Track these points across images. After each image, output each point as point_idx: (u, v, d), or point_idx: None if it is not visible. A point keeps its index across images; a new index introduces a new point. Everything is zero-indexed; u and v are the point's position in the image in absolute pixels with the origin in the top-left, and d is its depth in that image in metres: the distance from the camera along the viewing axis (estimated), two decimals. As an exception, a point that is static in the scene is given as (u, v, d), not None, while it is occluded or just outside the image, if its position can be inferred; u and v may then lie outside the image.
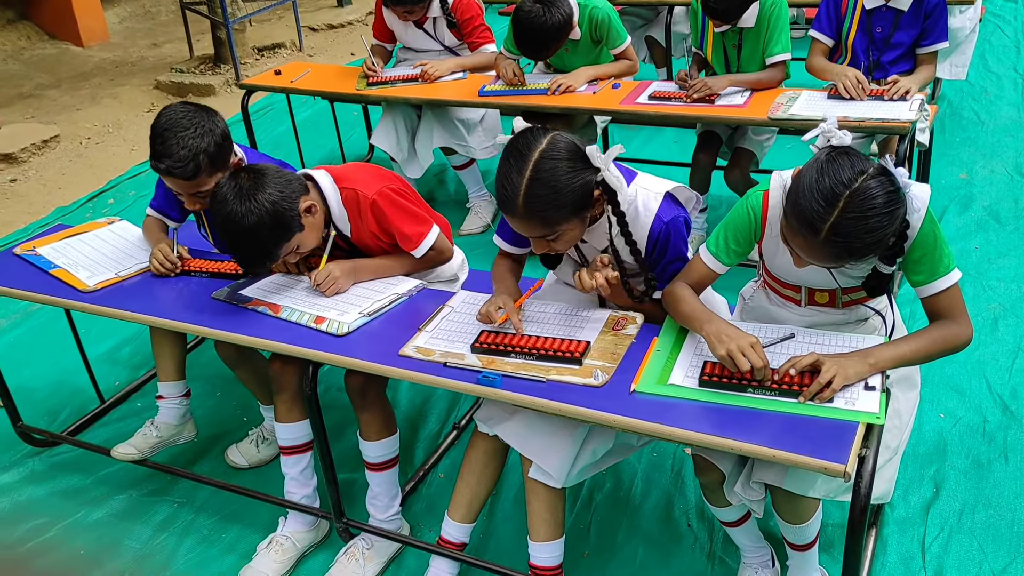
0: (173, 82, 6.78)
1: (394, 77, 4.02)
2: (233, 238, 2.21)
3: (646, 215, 2.07)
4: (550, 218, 1.92)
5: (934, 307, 1.90)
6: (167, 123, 2.36)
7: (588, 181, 1.93)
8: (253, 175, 2.22)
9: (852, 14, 3.39)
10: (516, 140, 1.95)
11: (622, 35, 3.74)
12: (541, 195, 1.89)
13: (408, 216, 2.41)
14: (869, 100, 3.18)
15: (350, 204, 2.37)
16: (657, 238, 2.07)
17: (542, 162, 1.88)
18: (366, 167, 2.52)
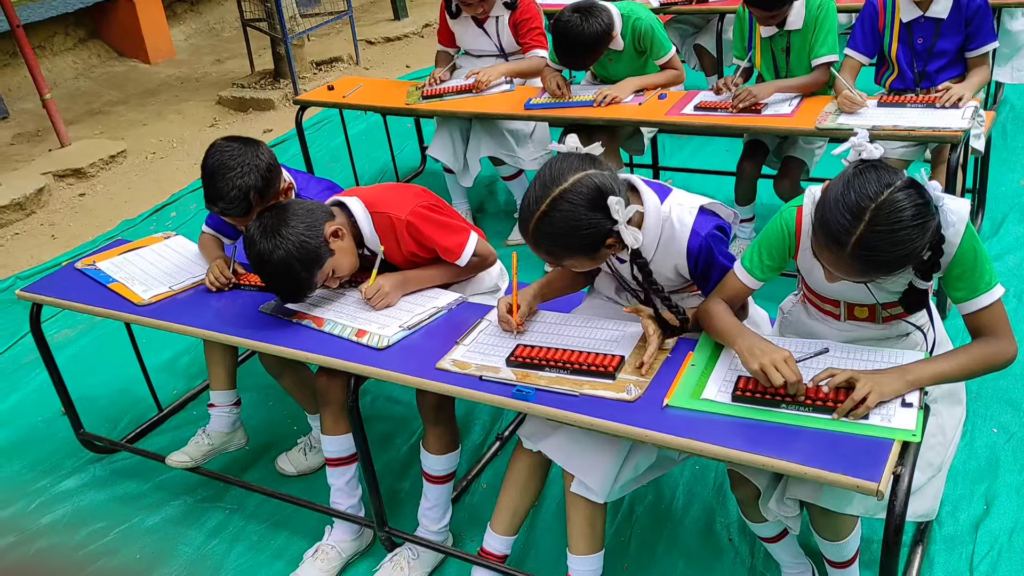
0: (234, 97, 6.96)
1: (447, 89, 4.08)
2: (267, 274, 2.30)
3: (682, 231, 2.07)
4: (555, 252, 1.96)
5: (976, 324, 1.87)
6: (215, 165, 2.46)
7: (602, 229, 1.92)
8: (276, 212, 2.30)
9: (891, 28, 3.34)
10: (552, 164, 1.96)
11: (666, 45, 3.73)
12: (550, 232, 1.91)
13: (444, 229, 2.45)
14: (921, 108, 3.12)
15: (383, 228, 2.43)
16: (698, 254, 2.07)
17: (560, 201, 1.88)
18: (396, 187, 2.57)
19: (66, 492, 3.01)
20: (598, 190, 1.91)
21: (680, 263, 2.11)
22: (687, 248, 2.07)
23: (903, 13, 3.27)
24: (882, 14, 3.32)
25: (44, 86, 5.95)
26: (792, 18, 3.38)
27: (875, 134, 3.04)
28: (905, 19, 3.27)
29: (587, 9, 3.52)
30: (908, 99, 3.19)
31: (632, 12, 3.70)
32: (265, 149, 2.53)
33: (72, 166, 5.89)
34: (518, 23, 4.10)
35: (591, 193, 1.90)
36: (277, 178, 2.53)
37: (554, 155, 2.00)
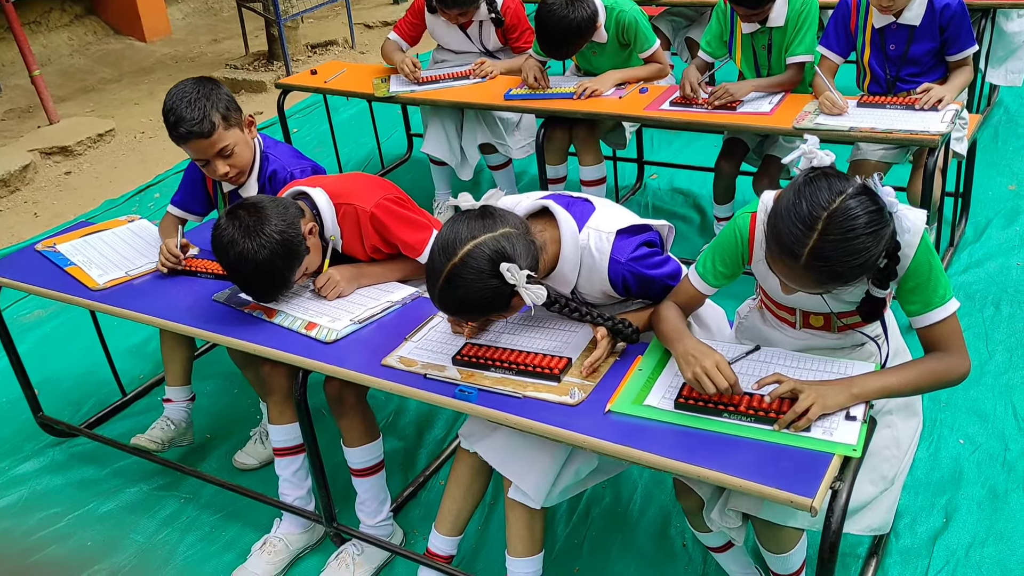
0: (227, 78, 6.90)
1: (442, 76, 4.02)
2: (248, 276, 2.24)
3: (601, 260, 2.01)
4: (464, 315, 1.95)
5: (929, 339, 1.82)
6: (174, 97, 2.51)
7: (503, 292, 1.85)
8: (253, 210, 2.23)
9: (863, 32, 3.27)
10: (446, 230, 1.87)
11: (650, 39, 3.67)
12: (453, 299, 1.87)
13: (408, 224, 2.40)
14: (900, 110, 3.06)
15: (347, 220, 2.38)
16: (623, 281, 2.02)
17: (454, 277, 1.82)
18: (362, 178, 2.53)
19: (23, 476, 2.98)
20: (490, 260, 1.82)
21: (607, 289, 2.06)
22: (609, 277, 2.02)
23: (875, 19, 3.19)
24: (855, 15, 3.25)
25: (33, 62, 5.91)
26: (774, 15, 3.32)
27: (853, 136, 2.99)
28: (877, 24, 3.20)
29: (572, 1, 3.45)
30: (887, 100, 3.12)
31: (616, 4, 3.63)
32: (223, 87, 2.59)
33: (59, 144, 5.86)
34: (507, 29, 4.05)
35: (484, 263, 1.82)
36: (238, 110, 2.57)
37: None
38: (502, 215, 1.91)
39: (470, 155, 4.17)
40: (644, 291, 2.08)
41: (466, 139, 4.14)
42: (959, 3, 3.12)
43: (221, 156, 2.54)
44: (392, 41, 4.22)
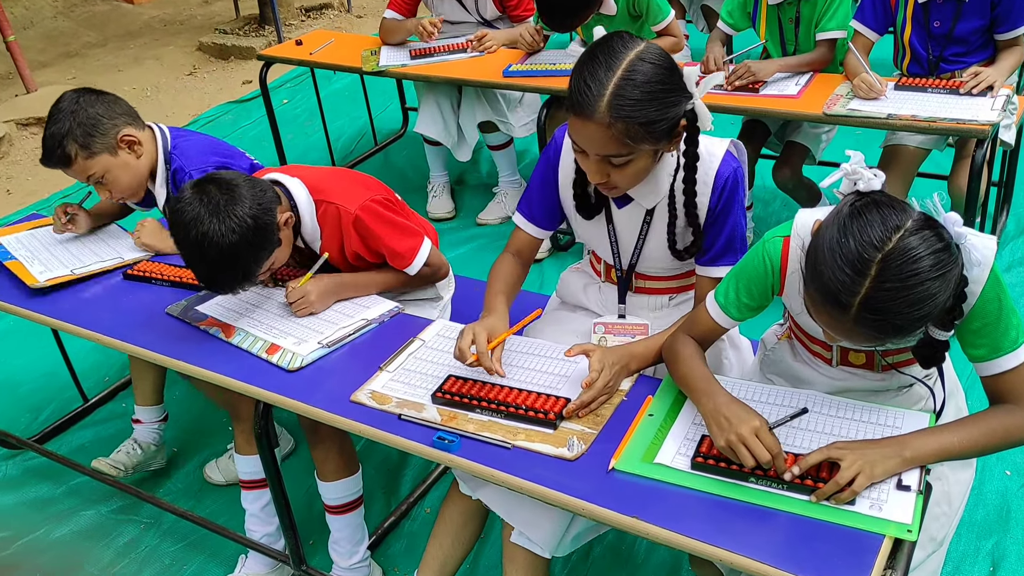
0: (215, 44, 6.57)
1: (436, 49, 3.69)
2: (209, 262, 1.89)
3: (710, 159, 1.78)
4: (634, 130, 1.59)
5: (996, 389, 1.52)
6: (48, 117, 2.27)
7: (680, 103, 1.63)
8: (224, 187, 1.90)
9: (904, 7, 2.92)
10: (605, 39, 1.63)
11: (664, 9, 3.33)
12: (633, 98, 1.57)
13: (396, 230, 2.10)
14: (944, 94, 2.73)
15: (327, 220, 2.08)
16: (725, 184, 1.78)
17: (639, 63, 1.58)
18: (347, 174, 2.22)
19: (-29, 493, 2.73)
20: (670, 58, 1.64)
21: (700, 198, 1.79)
22: (715, 175, 1.78)
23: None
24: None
25: (7, 27, 5.57)
26: (804, -15, 2.98)
27: (892, 124, 2.66)
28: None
29: None
30: (929, 83, 2.79)
31: (627, -29, 3.30)
32: (109, 100, 2.32)
33: (36, 114, 5.54)
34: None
35: (667, 57, 1.63)
36: (104, 132, 2.27)
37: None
38: None
39: (468, 134, 3.85)
40: (723, 218, 1.81)
41: (464, 117, 3.82)
42: None
43: (95, 182, 2.32)
44: (389, 20, 3.88)
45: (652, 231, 1.87)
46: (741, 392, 1.66)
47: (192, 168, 2.34)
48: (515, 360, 1.86)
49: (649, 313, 2.02)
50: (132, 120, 2.34)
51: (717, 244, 1.83)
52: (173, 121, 5.55)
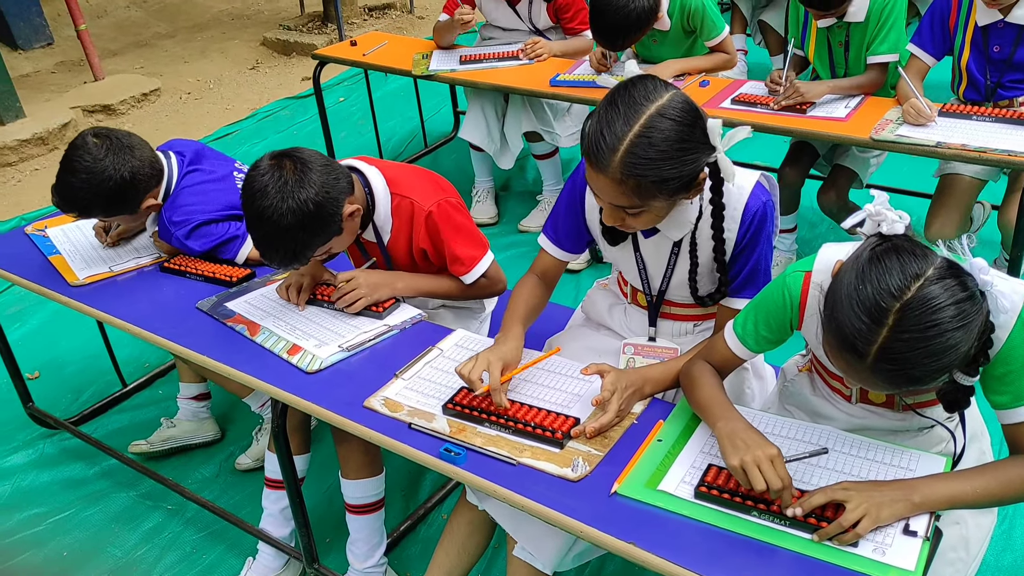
0: (279, 39, 6.68)
1: (486, 55, 3.71)
2: (265, 236, 1.92)
3: (739, 193, 1.75)
4: (646, 187, 1.58)
5: (1017, 438, 1.47)
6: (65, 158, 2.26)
7: (700, 159, 1.60)
8: (299, 165, 1.91)
9: (963, 30, 2.84)
10: (629, 85, 1.60)
11: (718, 26, 3.30)
12: (647, 157, 1.55)
13: (463, 236, 2.11)
14: (998, 123, 2.65)
15: (401, 213, 2.11)
16: (753, 218, 1.75)
17: (658, 118, 1.54)
18: (424, 174, 2.22)
19: (9, 469, 2.82)
20: (695, 109, 1.59)
21: (728, 233, 1.77)
22: (744, 208, 1.74)
23: (980, 15, 2.77)
24: (955, 12, 2.83)
25: (79, 16, 5.74)
26: (854, 8, 2.92)
27: (941, 153, 2.59)
28: (981, 22, 2.77)
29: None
30: (983, 111, 2.71)
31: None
32: (130, 158, 2.27)
33: (102, 102, 5.71)
34: (559, 8, 3.72)
35: (691, 111, 1.58)
36: (135, 192, 2.31)
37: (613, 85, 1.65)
38: None
39: (512, 142, 3.86)
40: (750, 250, 1.79)
41: (509, 125, 3.83)
42: None
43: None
44: (442, 22, 3.91)
45: (680, 261, 1.86)
46: (759, 423, 1.64)
47: (176, 228, 2.36)
48: (530, 375, 1.86)
49: (673, 338, 2.00)
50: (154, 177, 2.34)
51: (740, 276, 1.81)
52: (231, 114, 5.66)
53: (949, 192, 2.89)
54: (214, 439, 2.81)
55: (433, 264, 2.18)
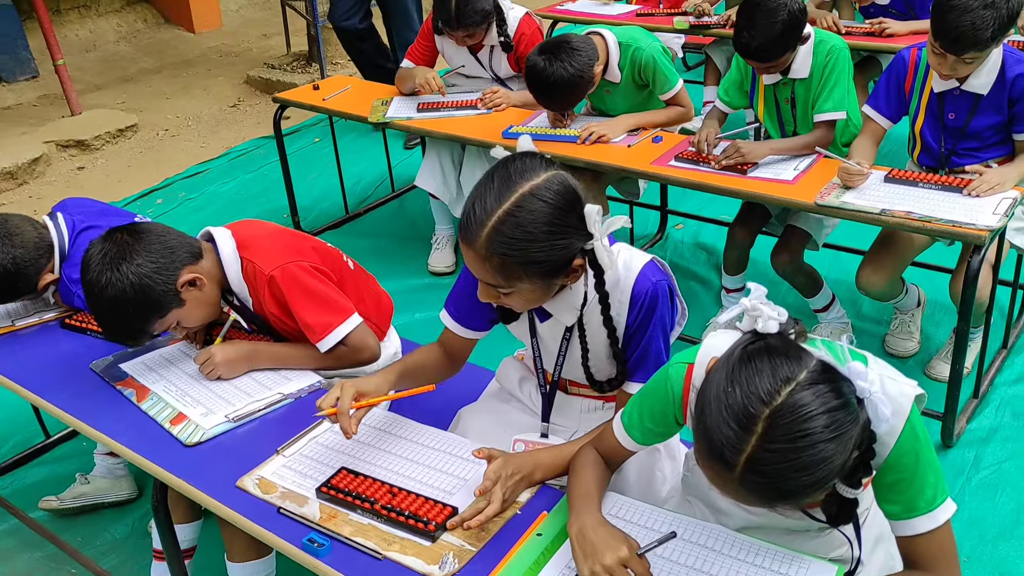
0: (262, 78, 6.66)
1: (444, 104, 3.65)
2: (96, 309, 1.92)
3: (627, 275, 1.65)
4: (510, 267, 1.51)
5: (910, 552, 1.36)
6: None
7: (572, 245, 1.52)
8: (128, 237, 1.91)
9: (919, 95, 2.76)
10: (508, 161, 1.54)
11: (671, 79, 3.22)
12: (513, 237, 1.48)
13: (313, 301, 2.02)
14: (944, 192, 2.56)
15: (249, 277, 2.02)
16: (643, 301, 1.65)
17: (530, 198, 1.48)
18: (283, 235, 2.15)
19: (-84, 523, 2.71)
20: (574, 192, 1.52)
21: (618, 318, 1.68)
22: (632, 291, 1.65)
23: (935, 81, 2.68)
24: (911, 75, 2.75)
25: (57, 51, 5.72)
26: (797, 65, 2.86)
27: (885, 220, 2.50)
28: (937, 88, 2.69)
29: (555, 49, 3.04)
30: (931, 178, 2.62)
31: (633, 40, 3.20)
32: (11, 247, 2.22)
33: (77, 137, 5.67)
34: (520, 58, 3.66)
35: (567, 194, 1.51)
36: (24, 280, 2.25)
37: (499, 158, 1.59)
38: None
39: (468, 192, 3.77)
40: (641, 333, 1.69)
41: (465, 175, 3.75)
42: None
43: None
44: (404, 68, 3.86)
45: (571, 347, 1.77)
46: (632, 514, 1.53)
47: (75, 286, 2.28)
48: (418, 455, 1.75)
49: (579, 415, 1.90)
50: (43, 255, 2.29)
51: (633, 360, 1.72)
52: (205, 151, 5.61)
53: (889, 242, 2.78)
54: (129, 498, 2.70)
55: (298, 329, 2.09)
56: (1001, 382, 2.92)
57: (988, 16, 2.42)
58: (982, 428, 2.72)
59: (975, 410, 2.77)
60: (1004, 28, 2.46)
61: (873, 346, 3.15)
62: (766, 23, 2.75)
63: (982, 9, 2.42)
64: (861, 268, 2.81)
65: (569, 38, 3.12)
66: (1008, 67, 2.61)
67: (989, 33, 2.43)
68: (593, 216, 1.51)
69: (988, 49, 2.50)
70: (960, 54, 2.48)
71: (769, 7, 2.76)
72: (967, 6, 2.43)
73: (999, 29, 2.45)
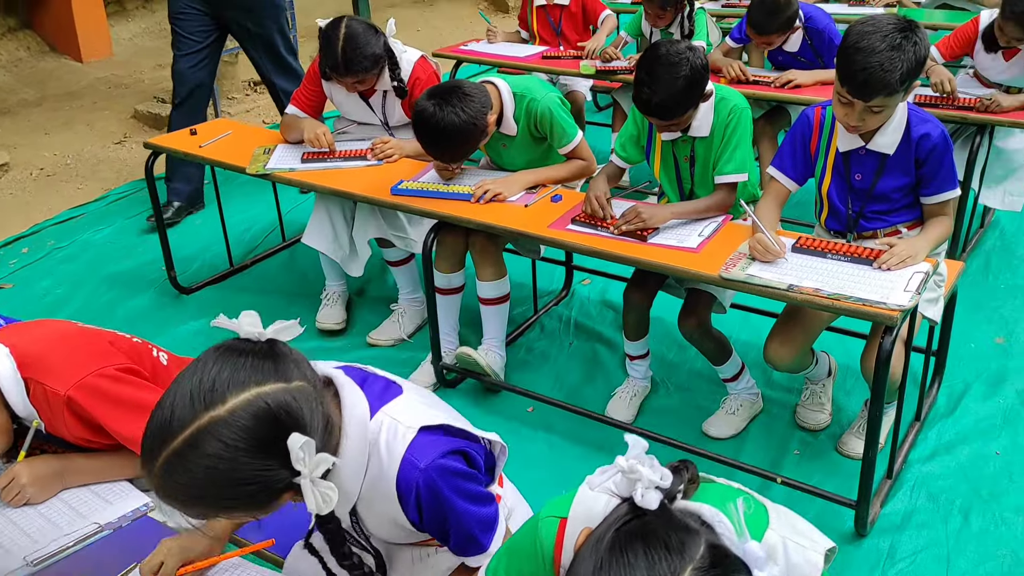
0: (151, 113, 6.27)
1: (330, 154, 3.38)
2: None
3: (390, 464, 1.34)
4: (191, 508, 1.23)
5: None
6: None
7: (274, 480, 1.22)
8: None
9: (824, 156, 2.61)
10: (207, 365, 1.23)
11: (569, 132, 3.01)
12: (184, 483, 1.19)
13: (129, 410, 1.71)
14: (854, 264, 2.40)
15: (40, 401, 1.70)
16: (415, 499, 1.35)
17: (207, 436, 1.18)
18: (71, 337, 1.80)
19: None
20: (274, 421, 1.20)
21: (395, 513, 1.39)
22: (397, 484, 1.35)
23: (841, 141, 2.54)
24: (816, 135, 2.60)
25: (-82, 84, 5.25)
26: (697, 123, 2.69)
27: (792, 297, 2.32)
28: (843, 148, 2.54)
29: (445, 94, 2.81)
30: (840, 248, 2.46)
31: (528, 91, 2.99)
32: None
33: (-65, 174, 5.20)
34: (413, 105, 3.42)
35: (262, 426, 1.19)
36: None
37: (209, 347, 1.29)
38: (296, 359, 1.29)
39: (360, 249, 3.50)
40: (439, 530, 1.40)
41: (357, 230, 3.47)
42: (941, 134, 2.47)
43: None
44: (290, 116, 3.58)
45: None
46: None
47: None
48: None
49: (411, 566, 1.63)
50: None
51: (452, 545, 1.45)
52: (82, 194, 5.20)
53: (798, 314, 2.60)
54: None
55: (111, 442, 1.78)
56: (915, 458, 2.77)
57: (896, 58, 2.27)
58: (896, 513, 2.56)
59: (889, 492, 2.61)
60: (912, 74, 2.32)
61: (784, 417, 2.98)
62: (668, 78, 2.57)
63: (889, 51, 2.28)
64: (769, 341, 2.63)
65: (461, 83, 2.90)
66: (913, 126, 2.48)
67: (897, 76, 2.28)
68: (297, 452, 1.20)
69: (897, 95, 2.35)
70: (868, 99, 2.33)
71: (671, 61, 2.59)
72: (873, 48, 2.28)
73: (907, 74, 2.30)
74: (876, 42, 2.29)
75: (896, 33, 2.31)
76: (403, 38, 3.54)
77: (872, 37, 2.31)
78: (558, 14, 4.89)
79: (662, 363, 3.29)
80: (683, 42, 2.66)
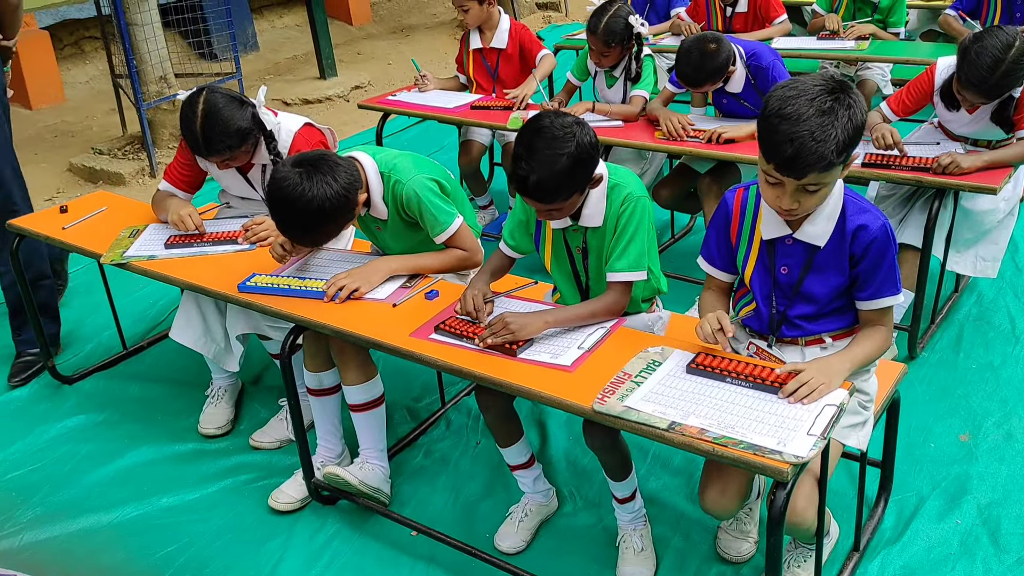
0: (85, 166, 5.95)
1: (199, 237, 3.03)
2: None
3: None
4: None
5: None
6: None
7: None
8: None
9: (747, 245, 2.18)
10: None
11: (441, 218, 2.60)
12: None
13: None
14: (755, 390, 1.96)
15: None
16: None
17: None
18: None
19: None
20: None
21: None
22: None
23: (765, 228, 2.11)
24: (737, 220, 2.17)
25: None
26: (588, 211, 2.29)
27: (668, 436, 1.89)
28: (767, 235, 2.12)
29: (314, 162, 2.43)
30: (741, 368, 2.02)
31: (394, 171, 2.59)
32: None
33: None
34: None
35: None
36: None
37: None
38: None
39: (234, 343, 3.10)
40: None
41: (229, 324, 3.07)
42: (882, 227, 2.03)
43: None
44: (162, 192, 3.21)
45: None
46: None
47: None
48: None
49: None
50: None
51: None
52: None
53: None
54: None
55: None
56: (852, 606, 2.32)
57: (828, 124, 1.85)
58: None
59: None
60: (850, 143, 1.89)
61: (704, 545, 2.54)
62: (549, 154, 2.16)
63: (819, 116, 1.85)
64: (705, 491, 2.16)
65: (329, 154, 2.52)
66: (849, 216, 2.04)
67: (832, 146, 1.85)
68: None
69: (835, 170, 1.91)
70: (800, 177, 1.89)
71: (554, 135, 2.18)
72: (800, 115, 1.86)
73: (844, 143, 1.87)
74: (802, 107, 1.86)
75: (825, 95, 1.88)
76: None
77: (797, 102, 1.87)
78: (495, 58, 4.49)
79: (573, 471, 2.86)
80: (571, 116, 2.25)
